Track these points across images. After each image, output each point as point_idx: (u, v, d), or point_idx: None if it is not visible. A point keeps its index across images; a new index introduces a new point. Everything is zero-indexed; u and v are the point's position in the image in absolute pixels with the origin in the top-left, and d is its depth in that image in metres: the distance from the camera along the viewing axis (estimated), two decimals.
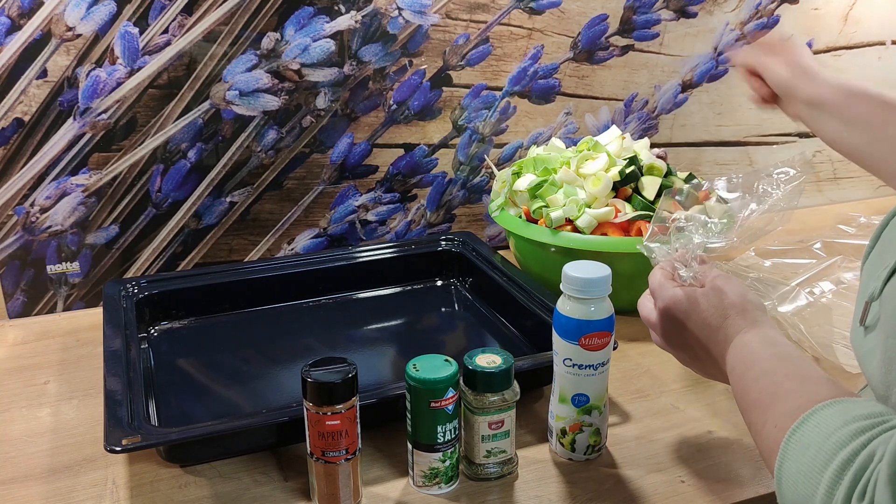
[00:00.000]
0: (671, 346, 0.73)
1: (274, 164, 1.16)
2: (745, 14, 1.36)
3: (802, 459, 0.50)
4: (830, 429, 0.50)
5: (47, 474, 0.75)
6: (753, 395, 0.60)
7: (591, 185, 1.03)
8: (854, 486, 0.46)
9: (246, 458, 0.76)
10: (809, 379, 0.57)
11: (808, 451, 0.50)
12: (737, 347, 0.65)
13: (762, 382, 0.59)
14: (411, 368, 0.69)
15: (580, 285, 0.70)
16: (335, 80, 1.15)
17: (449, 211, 1.28)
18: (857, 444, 0.47)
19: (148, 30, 1.05)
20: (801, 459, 0.50)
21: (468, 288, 1.13)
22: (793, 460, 0.51)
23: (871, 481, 0.45)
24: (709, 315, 0.67)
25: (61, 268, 1.10)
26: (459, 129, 1.24)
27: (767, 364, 0.61)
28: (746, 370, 0.62)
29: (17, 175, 1.05)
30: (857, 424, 0.49)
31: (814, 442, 0.50)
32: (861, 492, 0.45)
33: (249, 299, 1.06)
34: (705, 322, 0.68)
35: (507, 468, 0.73)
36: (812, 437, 0.51)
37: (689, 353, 0.72)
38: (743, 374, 0.62)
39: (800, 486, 0.49)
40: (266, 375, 0.93)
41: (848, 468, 0.47)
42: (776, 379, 0.59)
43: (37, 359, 0.98)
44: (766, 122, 1.44)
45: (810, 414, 0.52)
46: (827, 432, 0.50)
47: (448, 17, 1.18)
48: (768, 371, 0.60)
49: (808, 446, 0.50)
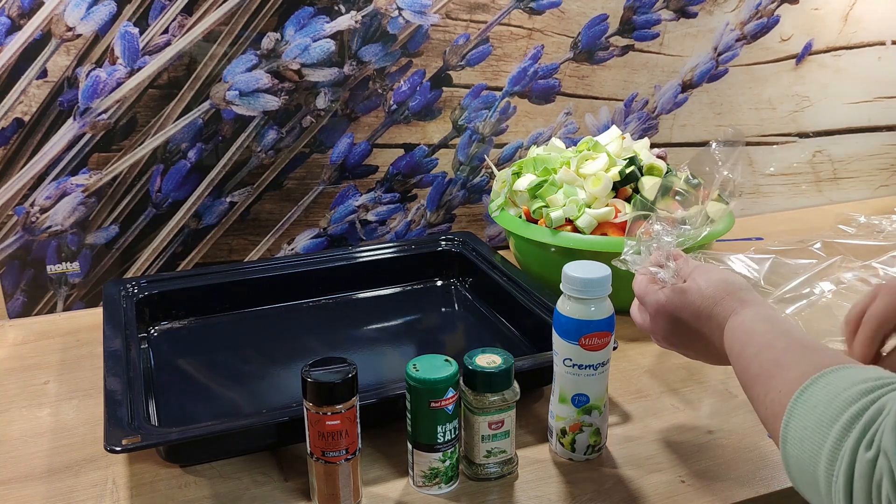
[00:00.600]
0: (674, 345, 0.74)
1: (274, 164, 1.16)
2: (745, 14, 1.36)
3: (810, 417, 0.50)
4: (839, 388, 0.50)
5: (47, 474, 0.75)
6: (754, 370, 0.60)
7: (591, 185, 1.03)
8: (862, 437, 0.46)
9: (246, 458, 0.76)
10: (811, 348, 0.58)
11: (817, 410, 0.50)
12: (732, 328, 0.65)
13: (762, 356, 0.60)
14: (411, 368, 0.69)
15: (580, 285, 0.70)
16: (335, 80, 1.15)
17: (449, 211, 1.28)
18: (866, 401, 0.48)
19: (148, 30, 1.05)
20: (809, 417, 0.50)
21: (468, 288, 1.13)
22: (800, 418, 0.51)
23: (879, 431, 0.46)
24: (698, 306, 0.68)
25: (61, 268, 1.10)
26: (459, 129, 1.24)
27: (765, 339, 0.61)
28: (744, 347, 0.63)
29: (17, 175, 1.05)
30: (867, 384, 0.49)
31: (822, 401, 0.50)
32: (869, 441, 0.46)
33: (249, 299, 1.06)
34: (697, 314, 0.69)
35: (507, 468, 0.73)
36: (820, 396, 0.51)
37: (693, 347, 0.72)
38: (741, 352, 0.63)
39: (806, 442, 0.50)
40: (266, 375, 0.93)
41: (857, 421, 0.47)
42: (776, 352, 0.59)
43: (37, 359, 0.98)
44: (765, 122, 1.44)
45: (818, 377, 0.52)
46: (836, 391, 0.50)
47: (448, 17, 1.18)
48: (767, 345, 0.60)
49: (815, 405, 0.51)
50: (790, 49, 1.41)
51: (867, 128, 1.53)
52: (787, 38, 1.40)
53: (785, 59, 1.42)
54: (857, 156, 1.54)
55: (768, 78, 1.42)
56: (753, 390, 0.60)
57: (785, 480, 0.72)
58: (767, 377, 0.58)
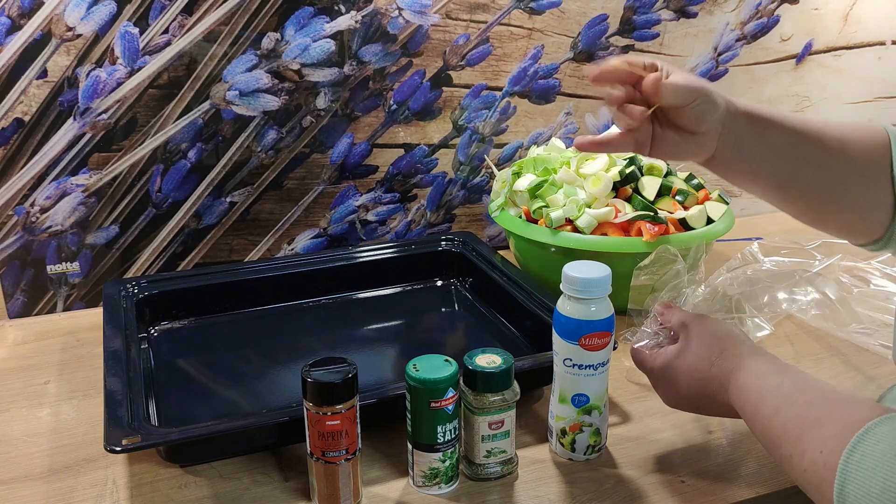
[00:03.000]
0: (676, 406, 0.73)
1: (274, 164, 1.16)
2: (745, 14, 1.36)
3: (873, 481, 0.48)
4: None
5: (47, 474, 0.75)
6: (777, 430, 0.58)
7: (591, 185, 1.03)
8: None
9: (246, 458, 0.76)
10: (836, 401, 0.56)
11: (878, 472, 0.48)
12: (737, 389, 0.64)
13: (783, 415, 0.58)
14: (411, 368, 0.69)
15: (580, 285, 0.70)
16: (335, 80, 1.15)
17: (449, 211, 1.28)
18: None
19: (148, 30, 1.05)
20: (872, 481, 0.48)
21: (468, 288, 1.13)
22: (859, 483, 0.49)
23: None
24: (694, 369, 0.68)
25: (61, 268, 1.10)
26: (459, 129, 1.24)
27: (781, 395, 0.59)
28: (759, 407, 0.61)
29: (17, 175, 1.05)
30: None
31: (881, 460, 0.48)
32: None
33: (249, 299, 1.06)
34: (695, 378, 0.68)
35: (507, 468, 0.73)
36: (877, 455, 0.49)
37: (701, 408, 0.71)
38: (756, 413, 0.61)
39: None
40: (266, 375, 0.93)
41: None
42: (798, 409, 0.57)
43: (37, 359, 0.98)
44: None
45: (864, 433, 0.50)
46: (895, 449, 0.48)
47: (448, 17, 1.18)
48: (785, 402, 0.58)
49: (875, 466, 0.48)
50: (790, 49, 1.41)
51: None
52: (787, 38, 1.40)
53: (785, 59, 1.42)
54: None
55: (768, 78, 1.42)
56: (781, 451, 0.57)
57: (785, 480, 0.72)
58: (797, 438, 0.55)
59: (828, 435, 0.53)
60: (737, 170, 0.71)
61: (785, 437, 0.57)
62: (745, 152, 0.69)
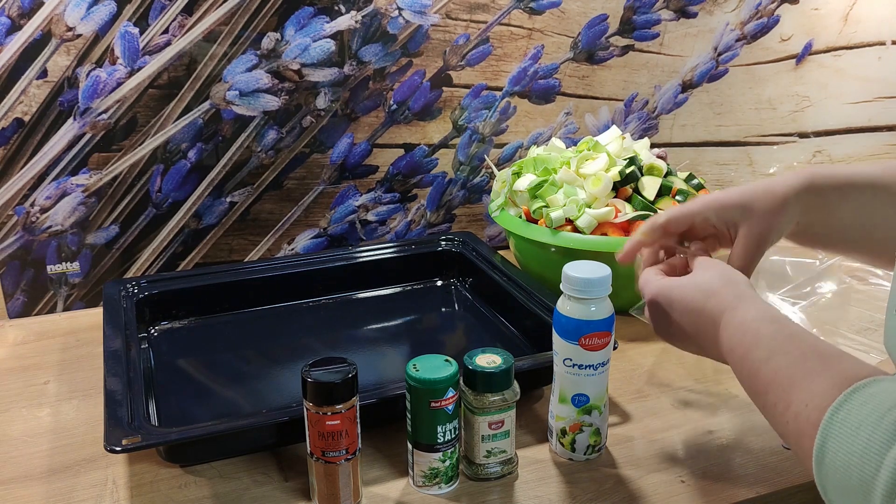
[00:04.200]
0: (670, 337, 0.71)
1: (274, 164, 1.16)
2: (745, 14, 1.36)
3: (855, 440, 0.47)
4: (884, 407, 0.47)
5: (47, 474, 0.75)
6: (766, 377, 0.56)
7: (591, 185, 1.03)
8: None
9: (246, 458, 0.76)
10: (831, 356, 0.54)
11: (861, 431, 0.47)
12: (731, 327, 0.61)
13: (775, 363, 0.56)
14: (411, 368, 0.69)
15: (580, 285, 0.70)
16: (335, 80, 1.15)
17: (449, 211, 1.28)
18: None
19: (148, 30, 1.05)
20: (854, 440, 0.47)
21: (468, 288, 1.13)
22: (840, 441, 0.48)
23: None
24: (691, 298, 0.65)
25: (61, 268, 1.10)
26: (459, 129, 1.24)
27: (775, 342, 0.57)
28: (750, 350, 0.59)
29: (17, 175, 1.05)
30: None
31: (866, 422, 0.47)
32: None
33: (249, 299, 1.06)
34: (688, 307, 0.65)
35: (507, 468, 0.73)
36: (862, 416, 0.47)
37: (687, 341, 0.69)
38: (746, 355, 0.59)
39: (853, 469, 0.47)
40: (266, 375, 0.93)
41: None
42: (791, 359, 0.55)
43: (37, 359, 0.98)
44: (766, 122, 1.44)
45: (853, 392, 0.49)
46: (880, 411, 0.47)
47: (448, 17, 1.18)
48: (779, 350, 0.57)
49: (858, 426, 0.47)
50: (790, 49, 1.41)
51: (867, 128, 1.52)
52: (787, 38, 1.40)
53: (785, 59, 1.42)
54: (857, 156, 1.54)
55: (768, 78, 1.42)
56: (766, 399, 0.56)
57: (785, 480, 0.72)
58: (787, 388, 0.54)
59: (817, 389, 0.51)
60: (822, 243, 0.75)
61: (773, 384, 0.55)
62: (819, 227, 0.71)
